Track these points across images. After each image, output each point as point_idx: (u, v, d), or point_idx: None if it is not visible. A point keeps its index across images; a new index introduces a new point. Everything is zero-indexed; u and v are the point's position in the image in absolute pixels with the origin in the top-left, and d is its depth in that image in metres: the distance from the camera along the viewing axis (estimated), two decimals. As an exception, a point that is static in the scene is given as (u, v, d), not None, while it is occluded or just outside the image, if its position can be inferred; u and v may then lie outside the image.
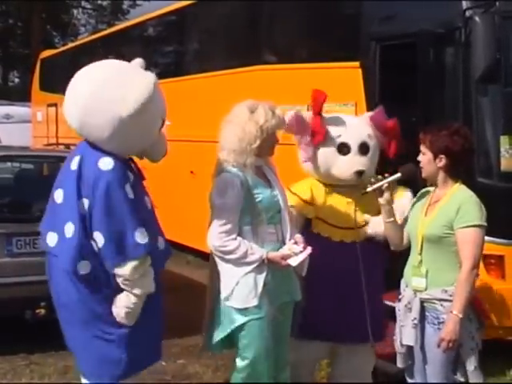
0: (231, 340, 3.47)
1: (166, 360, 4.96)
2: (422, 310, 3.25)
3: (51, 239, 3.11)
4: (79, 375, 3.35)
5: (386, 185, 3.42)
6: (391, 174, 3.46)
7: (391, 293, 3.89)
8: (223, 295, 3.38)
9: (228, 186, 3.33)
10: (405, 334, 3.31)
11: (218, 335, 3.43)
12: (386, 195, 3.43)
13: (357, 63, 5.70)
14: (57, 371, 4.81)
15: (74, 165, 3.09)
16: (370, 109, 5.50)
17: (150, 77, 3.14)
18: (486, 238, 4.71)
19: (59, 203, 3.11)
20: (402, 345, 3.35)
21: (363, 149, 3.81)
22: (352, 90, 5.75)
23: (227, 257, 3.34)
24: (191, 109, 8.33)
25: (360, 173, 3.78)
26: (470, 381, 3.23)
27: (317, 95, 3.84)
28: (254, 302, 3.33)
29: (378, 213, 3.72)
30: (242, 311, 3.35)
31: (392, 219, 3.49)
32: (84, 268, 3.04)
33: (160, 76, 9.46)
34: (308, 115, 3.95)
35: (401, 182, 3.61)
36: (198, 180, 7.86)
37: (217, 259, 3.43)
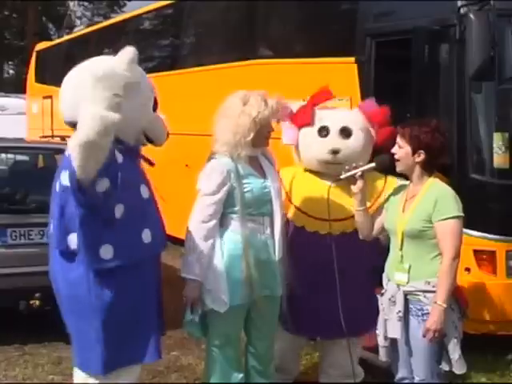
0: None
1: (160, 352, 5.02)
2: (406, 302, 3.30)
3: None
4: (72, 366, 3.34)
5: (360, 173, 3.46)
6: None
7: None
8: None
9: (213, 171, 3.40)
10: (390, 327, 3.35)
11: (188, 316, 3.46)
12: (359, 183, 3.46)
13: (352, 59, 5.72)
14: (50, 361, 4.83)
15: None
16: (364, 104, 5.56)
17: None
18: (479, 233, 4.83)
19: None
20: (385, 338, 3.40)
21: (344, 132, 3.84)
22: (347, 85, 5.76)
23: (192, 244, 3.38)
24: (186, 102, 8.33)
25: (335, 152, 3.79)
26: (455, 369, 3.29)
27: (324, 92, 3.98)
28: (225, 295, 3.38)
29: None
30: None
31: (363, 208, 3.53)
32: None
33: (156, 69, 9.51)
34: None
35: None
36: (193, 173, 7.87)
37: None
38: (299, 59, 6.46)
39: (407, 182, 3.47)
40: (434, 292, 3.19)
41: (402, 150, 3.34)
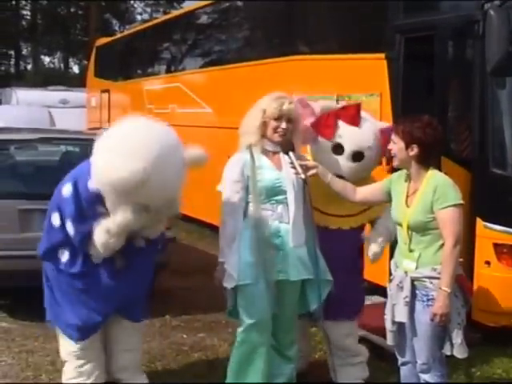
0: None
1: (187, 333, 5.30)
2: (413, 288, 3.44)
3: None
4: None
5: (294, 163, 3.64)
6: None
7: None
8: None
9: (234, 164, 3.74)
10: (397, 311, 3.50)
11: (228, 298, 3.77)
12: (303, 176, 3.63)
13: (382, 55, 5.83)
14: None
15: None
16: (394, 99, 5.66)
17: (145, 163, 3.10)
18: (499, 227, 4.89)
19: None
20: (393, 323, 3.55)
21: (356, 157, 3.94)
22: (377, 81, 5.88)
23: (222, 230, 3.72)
24: (233, 96, 8.56)
25: (339, 177, 3.86)
26: (456, 353, 3.42)
27: (351, 114, 3.98)
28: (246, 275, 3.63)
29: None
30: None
31: (328, 178, 3.71)
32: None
33: (208, 63, 9.74)
34: (326, 106, 4.15)
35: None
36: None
37: None
38: (333, 55, 6.60)
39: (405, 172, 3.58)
40: (439, 278, 3.33)
41: (395, 145, 3.51)
